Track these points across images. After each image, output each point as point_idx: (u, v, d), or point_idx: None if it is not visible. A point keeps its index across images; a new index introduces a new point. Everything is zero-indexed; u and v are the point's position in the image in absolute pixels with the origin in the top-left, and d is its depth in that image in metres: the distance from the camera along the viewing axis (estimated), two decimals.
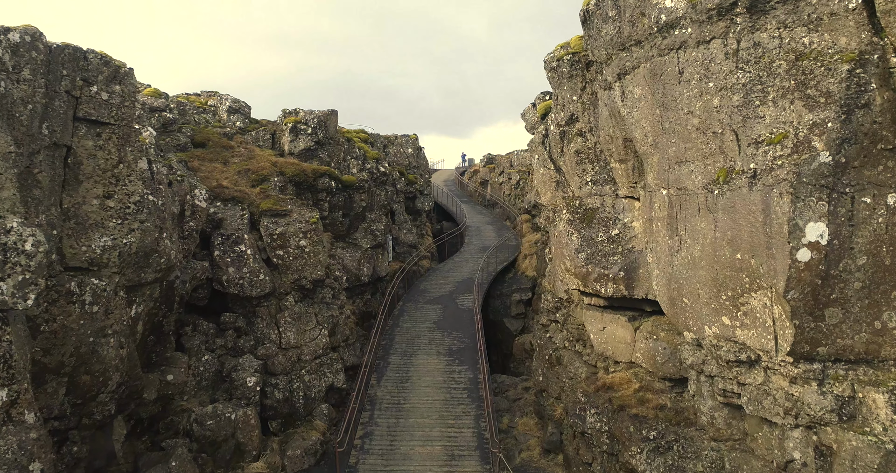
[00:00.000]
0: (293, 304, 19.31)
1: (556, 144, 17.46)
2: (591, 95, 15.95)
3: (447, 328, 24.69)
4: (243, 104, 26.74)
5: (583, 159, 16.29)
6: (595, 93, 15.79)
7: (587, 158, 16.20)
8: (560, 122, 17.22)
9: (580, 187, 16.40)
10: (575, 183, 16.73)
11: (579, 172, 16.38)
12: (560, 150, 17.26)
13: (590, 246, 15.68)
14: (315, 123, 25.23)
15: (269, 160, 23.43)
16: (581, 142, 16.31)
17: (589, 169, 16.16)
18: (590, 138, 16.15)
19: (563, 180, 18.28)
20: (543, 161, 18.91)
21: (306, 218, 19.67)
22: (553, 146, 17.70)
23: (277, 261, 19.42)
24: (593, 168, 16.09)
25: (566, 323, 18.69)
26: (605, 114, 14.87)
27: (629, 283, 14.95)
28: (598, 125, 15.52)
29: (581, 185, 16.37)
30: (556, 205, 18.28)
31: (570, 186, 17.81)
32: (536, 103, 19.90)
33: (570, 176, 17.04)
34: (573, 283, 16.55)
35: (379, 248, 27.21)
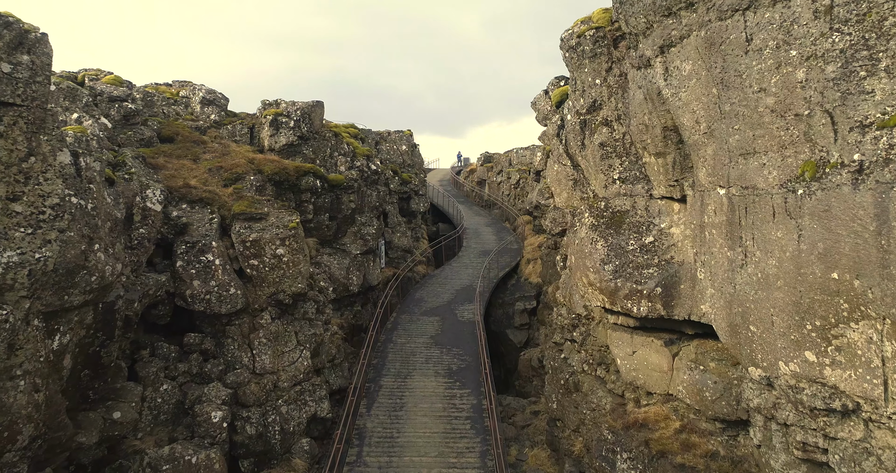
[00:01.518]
0: (269, 322, 16.72)
1: (574, 137, 14.94)
2: (620, 76, 13.44)
3: (446, 343, 22.16)
4: (219, 95, 24.12)
5: (609, 153, 13.78)
6: (624, 74, 13.28)
7: (614, 152, 13.70)
8: (580, 110, 14.71)
9: (606, 185, 13.89)
10: (599, 181, 14.21)
11: (605, 168, 13.87)
12: (580, 142, 14.75)
13: (618, 257, 13.17)
14: (298, 116, 22.64)
15: (245, 157, 20.83)
16: (606, 133, 13.80)
17: (616, 164, 13.65)
18: (617, 128, 13.64)
19: (583, 177, 15.76)
20: (559, 157, 16.40)
21: (285, 222, 17.08)
22: (571, 139, 15.19)
23: (251, 272, 16.83)
24: (622, 164, 13.58)
25: (585, 344, 16.17)
26: (638, 98, 12.37)
27: (667, 301, 12.45)
28: (629, 112, 13.02)
29: (607, 183, 13.86)
30: (574, 207, 15.76)
31: (590, 184, 15.30)
32: (550, 90, 17.39)
33: (593, 173, 14.52)
34: (597, 299, 14.04)
35: (370, 254, 24.65)
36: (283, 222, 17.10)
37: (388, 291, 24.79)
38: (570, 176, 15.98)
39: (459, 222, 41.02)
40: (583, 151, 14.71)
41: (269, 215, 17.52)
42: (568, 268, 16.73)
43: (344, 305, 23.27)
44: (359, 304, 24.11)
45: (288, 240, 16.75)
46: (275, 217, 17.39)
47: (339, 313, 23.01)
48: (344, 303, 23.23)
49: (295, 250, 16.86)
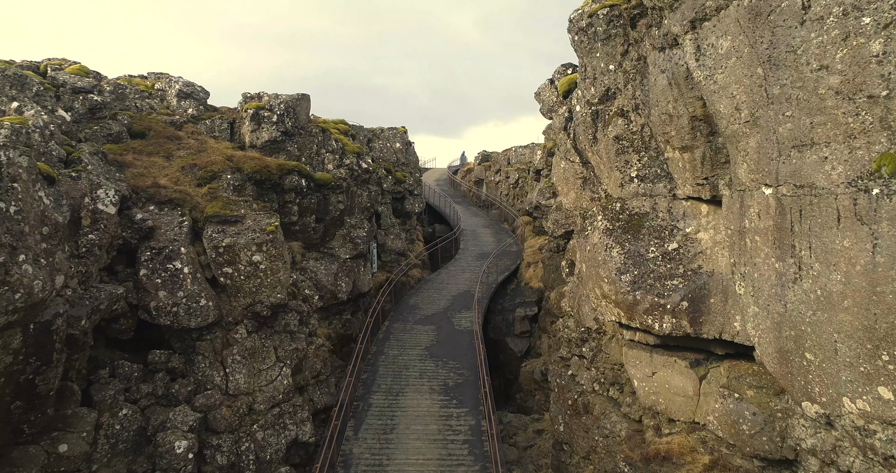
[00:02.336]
0: (245, 336, 15.06)
1: (585, 130, 13.32)
2: (638, 60, 11.82)
3: (442, 355, 20.51)
4: (198, 88, 22.43)
5: (625, 148, 12.15)
6: (643, 57, 11.66)
7: (631, 147, 12.07)
8: (591, 99, 13.08)
9: (621, 184, 12.26)
10: (613, 180, 12.59)
11: (620, 164, 12.25)
12: (591, 136, 13.12)
13: (637, 266, 11.54)
14: (282, 110, 20.97)
15: (223, 154, 19.16)
16: (622, 124, 12.18)
17: (634, 160, 12.03)
18: (635, 119, 12.01)
19: (593, 175, 14.14)
20: (566, 152, 14.77)
21: (262, 226, 15.41)
22: (581, 132, 13.56)
23: (225, 281, 15.16)
24: (640, 160, 11.95)
25: (596, 360, 14.56)
26: (660, 84, 10.75)
27: (695, 317, 10.83)
28: (649, 101, 11.40)
29: (623, 182, 12.23)
30: (583, 209, 14.14)
31: (602, 183, 13.68)
32: (556, 79, 15.75)
33: (606, 170, 12.90)
34: (611, 313, 12.42)
35: (360, 258, 22.98)
36: (261, 226, 15.43)
37: (380, 298, 23.14)
38: (578, 174, 14.37)
39: (456, 223, 39.39)
40: (594, 145, 13.08)
41: (246, 217, 15.85)
42: (577, 276, 15.11)
43: (332, 313, 21.61)
44: (348, 312, 22.45)
45: (265, 245, 15.08)
46: (252, 220, 15.72)
47: (326, 322, 21.36)
48: (332, 311, 21.57)
49: (273, 257, 15.19)
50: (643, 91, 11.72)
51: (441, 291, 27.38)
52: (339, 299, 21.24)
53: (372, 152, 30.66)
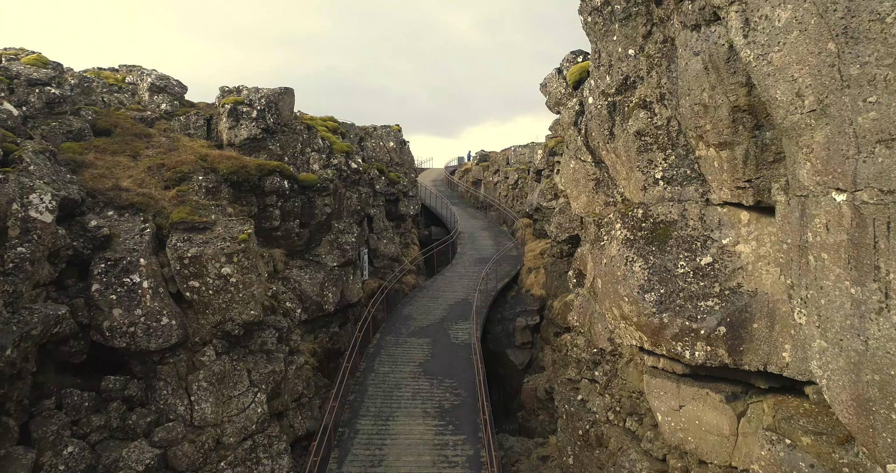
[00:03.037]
0: (213, 359, 13.32)
1: (599, 124, 11.61)
2: (664, 42, 10.12)
3: (437, 372, 18.81)
4: (173, 82, 20.69)
5: (648, 145, 10.45)
6: (671, 39, 9.97)
7: (655, 143, 10.37)
8: (607, 90, 11.38)
9: (644, 187, 10.56)
10: (634, 182, 10.88)
11: (642, 164, 10.54)
12: (607, 131, 11.41)
13: (664, 283, 9.84)
14: (263, 105, 19.24)
15: (196, 153, 17.43)
16: (645, 118, 10.47)
17: (659, 160, 10.33)
18: (660, 112, 10.31)
19: (607, 177, 12.44)
20: (576, 150, 13.07)
21: (233, 234, 13.68)
22: (594, 127, 11.86)
23: (192, 296, 13.43)
24: (666, 159, 10.25)
25: (611, 386, 12.86)
26: (693, 69, 9.05)
27: (734, 345, 9.14)
28: (678, 90, 9.71)
29: (646, 185, 10.52)
30: (597, 214, 12.44)
31: (619, 185, 11.98)
32: (564, 68, 14.05)
33: (626, 171, 11.20)
34: (632, 337, 10.72)
35: (349, 266, 21.27)
36: (232, 234, 13.70)
37: (370, 309, 21.41)
38: (590, 175, 12.68)
39: (453, 225, 37.68)
40: (611, 142, 11.37)
41: (216, 224, 14.11)
42: (588, 290, 13.41)
43: (318, 326, 19.90)
44: (336, 324, 20.73)
45: (236, 256, 13.34)
46: (222, 227, 13.99)
47: (311, 335, 19.64)
48: (318, 324, 19.86)
49: (245, 269, 13.46)
50: (670, 78, 10.03)
51: (437, 299, 25.68)
52: (326, 310, 19.53)
53: (364, 152, 28.96)
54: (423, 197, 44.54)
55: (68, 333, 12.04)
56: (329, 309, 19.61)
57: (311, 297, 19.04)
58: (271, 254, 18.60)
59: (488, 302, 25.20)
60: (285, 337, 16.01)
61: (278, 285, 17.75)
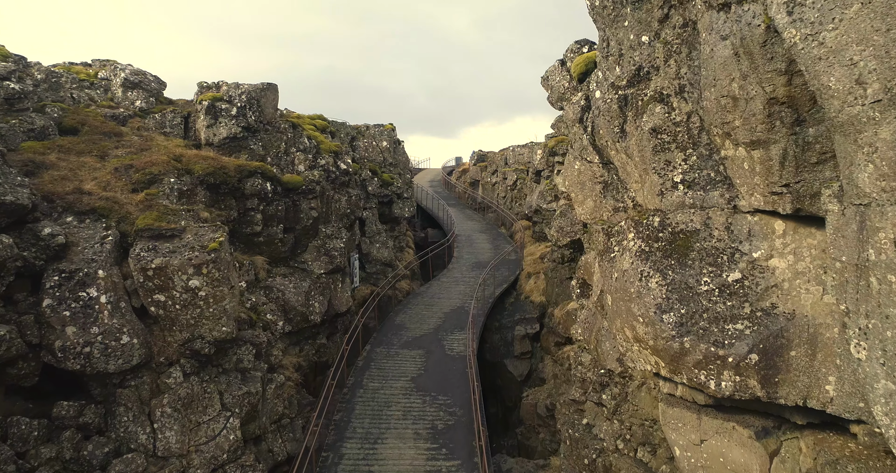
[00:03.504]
0: (180, 381, 12.05)
1: (609, 121, 10.36)
2: (684, 27, 8.88)
3: (431, 388, 17.54)
4: (149, 78, 19.41)
5: (665, 144, 9.20)
6: (692, 22, 8.72)
7: (674, 142, 9.11)
8: (617, 82, 10.13)
9: (661, 192, 9.30)
10: (649, 185, 9.63)
11: (659, 166, 9.29)
12: (617, 128, 10.16)
13: (685, 302, 8.58)
14: (244, 102, 17.97)
15: (170, 153, 16.15)
16: (661, 113, 9.22)
17: (678, 160, 9.07)
18: (678, 106, 9.06)
19: (617, 179, 11.19)
20: (582, 150, 11.81)
21: (203, 242, 12.40)
22: (603, 124, 10.60)
23: (157, 311, 12.15)
24: (686, 159, 9.00)
25: (620, 412, 11.61)
26: (720, 55, 7.80)
27: (768, 375, 7.89)
28: (700, 81, 8.47)
29: (662, 189, 9.27)
30: (605, 221, 11.19)
31: (630, 189, 10.73)
32: (568, 59, 12.79)
33: (639, 173, 9.94)
34: (647, 362, 9.47)
35: (337, 273, 20.01)
36: (202, 242, 12.42)
37: (360, 319, 20.14)
38: (597, 177, 11.43)
39: (450, 228, 36.43)
40: (621, 141, 10.11)
41: (186, 231, 12.83)
42: (595, 304, 12.15)
43: (304, 338, 18.64)
44: (323, 335, 19.46)
45: (205, 267, 12.06)
46: (192, 235, 12.71)
47: (296, 348, 18.39)
48: (303, 336, 18.60)
49: (216, 281, 12.18)
50: (691, 68, 8.78)
51: (431, 307, 24.42)
52: (312, 321, 18.27)
53: (356, 152, 27.70)
54: (420, 198, 43.34)
55: (15, 354, 10.78)
56: (315, 320, 18.35)
57: (296, 307, 17.77)
58: (252, 261, 17.34)
59: (486, 310, 23.96)
60: (265, 353, 14.74)
61: (259, 296, 16.49)
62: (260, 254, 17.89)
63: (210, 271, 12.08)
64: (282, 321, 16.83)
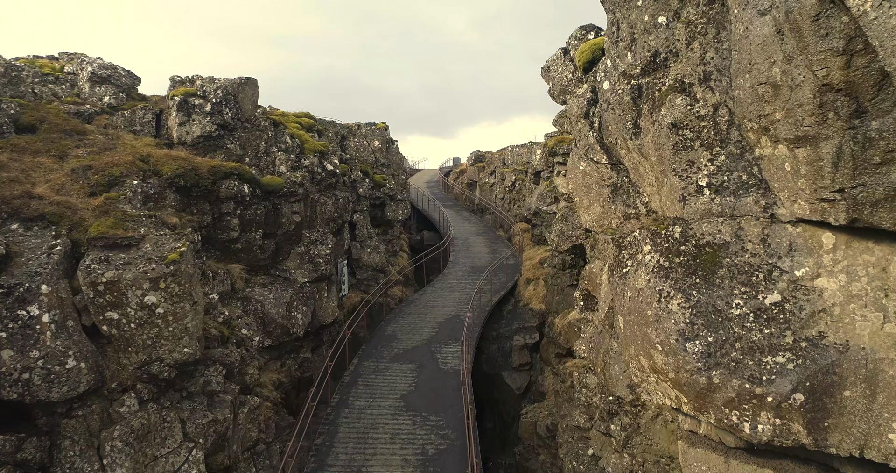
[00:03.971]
0: (135, 409, 10.70)
1: (620, 115, 9.02)
2: (709, 4, 7.55)
3: (422, 407, 16.19)
4: (120, 72, 18.05)
5: (688, 141, 7.87)
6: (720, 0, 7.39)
7: (698, 139, 7.79)
8: (630, 70, 8.80)
9: (683, 197, 7.97)
10: (668, 190, 8.29)
11: (680, 166, 7.96)
12: (630, 124, 8.83)
13: (713, 328, 7.25)
14: (219, 97, 16.62)
15: (138, 152, 14.80)
16: (683, 105, 7.89)
17: (703, 161, 7.74)
18: (704, 96, 7.73)
19: (628, 182, 9.85)
20: (587, 148, 10.48)
21: (163, 253, 11.05)
22: (612, 119, 9.27)
23: (110, 331, 10.80)
24: (713, 159, 7.67)
25: (631, 444, 10.27)
26: (758, 35, 6.48)
27: (816, 419, 6.56)
28: (731, 66, 7.14)
29: (685, 194, 7.94)
30: (614, 229, 9.85)
31: (643, 193, 9.40)
32: (572, 47, 11.44)
33: (655, 175, 8.61)
34: (666, 395, 8.14)
35: (323, 281, 18.66)
36: (161, 252, 11.06)
37: (347, 331, 18.79)
38: (605, 180, 10.11)
39: (446, 231, 35.09)
40: (635, 137, 8.78)
41: (145, 239, 11.48)
42: (603, 322, 10.82)
43: (285, 351, 17.28)
44: (307, 349, 18.11)
45: (163, 281, 10.71)
46: (151, 244, 11.36)
47: (277, 363, 17.03)
48: (285, 349, 17.23)
49: (176, 297, 10.82)
50: (719, 52, 7.45)
51: (425, 316, 23.07)
52: (294, 334, 16.91)
53: (346, 152, 26.35)
54: (415, 200, 42.06)
55: None
56: (297, 333, 16.99)
57: (276, 319, 16.42)
58: (228, 270, 15.99)
59: (482, 319, 22.61)
60: (238, 372, 13.40)
61: (234, 308, 15.14)
62: (237, 262, 16.54)
63: (169, 286, 10.72)
64: (259, 336, 15.49)
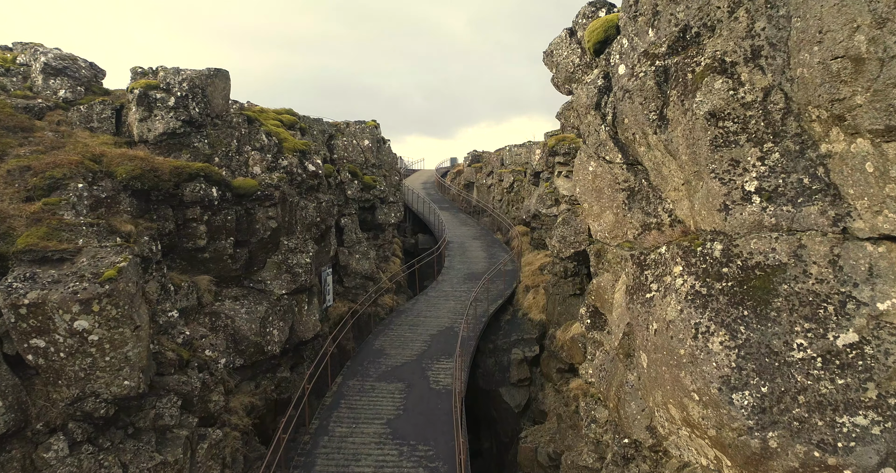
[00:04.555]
0: (64, 454, 9.05)
1: (641, 104, 7.40)
2: None
3: (409, 434, 14.55)
4: (80, 64, 16.40)
5: (730, 134, 6.24)
6: None
7: (744, 131, 6.16)
8: (653, 49, 7.18)
9: (724, 206, 6.34)
10: (703, 196, 6.65)
11: (720, 167, 6.33)
12: (653, 114, 7.20)
13: (767, 375, 5.62)
14: (185, 91, 14.98)
15: (87, 151, 13.17)
16: (724, 90, 6.26)
17: (751, 159, 6.12)
18: (752, 79, 6.10)
19: (647, 185, 8.23)
20: (598, 146, 8.85)
21: (99, 269, 9.40)
22: (631, 110, 7.64)
23: (36, 360, 9.15)
24: (764, 158, 6.05)
25: None
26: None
27: None
28: (791, 38, 5.52)
29: (727, 201, 6.31)
30: (632, 243, 8.22)
31: (667, 199, 7.76)
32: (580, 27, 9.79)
33: (686, 177, 6.98)
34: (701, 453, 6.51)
35: (303, 293, 17.02)
36: (98, 269, 9.42)
37: (329, 348, 17.15)
38: (620, 182, 8.50)
39: (441, 234, 33.46)
40: (661, 131, 7.15)
41: (82, 252, 9.84)
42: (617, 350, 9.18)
43: (260, 371, 15.65)
44: (285, 367, 16.47)
45: (97, 303, 9.06)
46: (88, 258, 9.72)
47: (251, 384, 15.41)
48: (260, 369, 15.61)
49: (114, 321, 9.18)
50: (773, 20, 5.83)
51: (416, 327, 21.43)
52: (269, 352, 15.29)
53: (334, 152, 24.73)
54: (410, 202, 40.47)
55: None
56: (273, 351, 15.36)
57: (249, 336, 14.80)
58: (194, 282, 14.37)
59: (478, 331, 20.97)
60: (198, 400, 11.76)
61: (198, 326, 13.51)
62: (205, 273, 14.90)
63: (104, 308, 9.08)
64: (228, 356, 13.85)
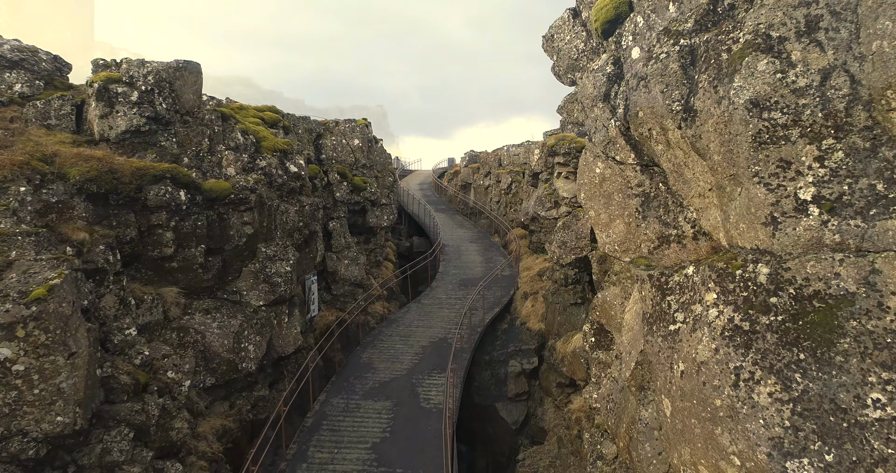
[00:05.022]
0: None
1: (662, 92, 6.12)
2: None
3: (397, 461, 13.26)
4: (40, 56, 15.09)
5: (778, 128, 4.97)
6: None
7: (796, 125, 4.89)
8: (676, 26, 5.91)
9: (771, 218, 5.07)
10: (742, 205, 5.38)
11: (766, 169, 5.06)
12: (678, 104, 5.92)
13: (832, 438, 4.35)
14: (150, 84, 13.69)
15: (37, 151, 11.89)
16: (769, 72, 4.99)
17: (806, 158, 4.85)
18: (805, 58, 4.83)
19: (665, 190, 6.95)
20: (606, 143, 7.57)
21: (26, 288, 8.13)
22: (645, 100, 6.37)
23: None
24: (823, 158, 4.78)
25: None
26: None
27: None
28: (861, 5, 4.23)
29: (775, 212, 5.04)
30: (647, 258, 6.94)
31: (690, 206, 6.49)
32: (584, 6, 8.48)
33: (718, 179, 5.70)
34: None
35: (282, 304, 15.74)
36: (27, 287, 8.14)
37: (311, 363, 15.85)
38: (632, 187, 7.24)
39: (436, 238, 32.18)
40: (687, 124, 5.88)
41: (12, 267, 8.56)
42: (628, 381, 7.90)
43: (235, 390, 14.37)
44: (263, 386, 15.18)
45: (22, 327, 7.78)
46: (18, 273, 8.43)
47: (225, 404, 14.13)
48: (235, 387, 14.32)
49: (43, 348, 7.90)
50: None
51: (408, 338, 20.14)
52: (244, 370, 14.01)
53: (322, 152, 23.45)
54: (406, 203, 39.21)
55: None
56: (248, 368, 14.09)
57: (220, 353, 13.53)
58: (159, 295, 13.08)
59: (473, 342, 19.70)
60: (156, 430, 10.48)
61: (160, 344, 12.22)
62: (173, 284, 13.62)
63: (30, 333, 7.80)
64: (195, 378, 12.58)
